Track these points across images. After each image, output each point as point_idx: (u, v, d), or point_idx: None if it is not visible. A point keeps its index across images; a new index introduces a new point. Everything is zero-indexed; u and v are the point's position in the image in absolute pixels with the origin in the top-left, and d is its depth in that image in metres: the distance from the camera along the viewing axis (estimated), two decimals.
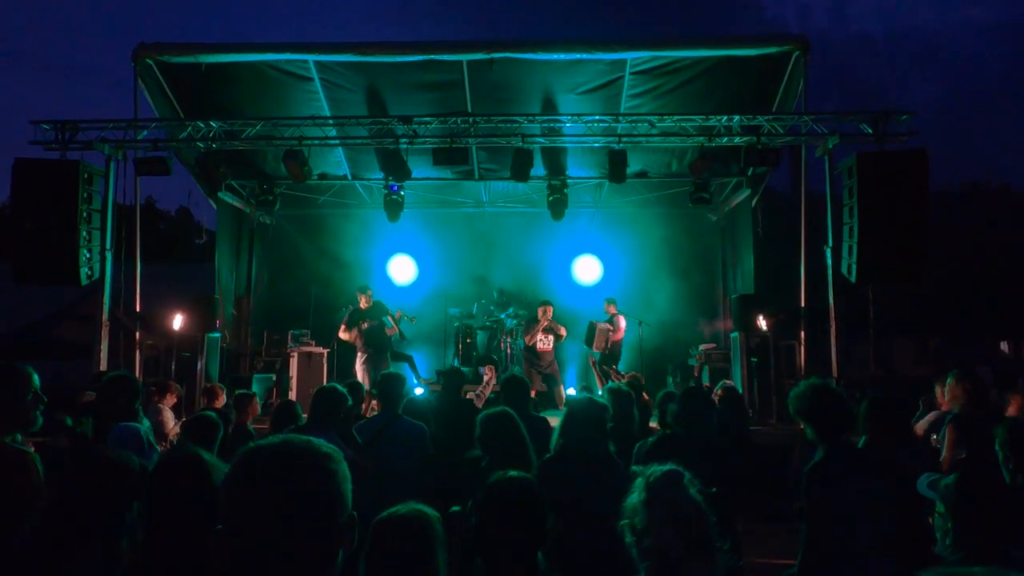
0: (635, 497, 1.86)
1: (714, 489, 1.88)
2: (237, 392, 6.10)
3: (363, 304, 9.34)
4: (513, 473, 2.12)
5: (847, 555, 2.61)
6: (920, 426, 5.09)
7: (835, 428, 2.81)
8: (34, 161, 7.75)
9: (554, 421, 7.44)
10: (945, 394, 4.57)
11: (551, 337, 9.23)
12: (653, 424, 5.32)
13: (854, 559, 2.60)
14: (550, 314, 9.22)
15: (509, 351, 11.28)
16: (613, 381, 8.86)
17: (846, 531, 2.61)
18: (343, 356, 10.87)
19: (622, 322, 9.98)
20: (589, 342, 9.82)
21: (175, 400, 6.44)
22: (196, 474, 1.96)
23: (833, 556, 2.62)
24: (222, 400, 6.35)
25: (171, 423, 6.07)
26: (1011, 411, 4.89)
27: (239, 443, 5.87)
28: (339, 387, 3.87)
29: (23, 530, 1.97)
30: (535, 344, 9.20)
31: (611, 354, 9.81)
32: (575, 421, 3.27)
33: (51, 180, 7.63)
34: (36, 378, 2.61)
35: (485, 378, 6.93)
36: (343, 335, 9.49)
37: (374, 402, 5.89)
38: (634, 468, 1.98)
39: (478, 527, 1.97)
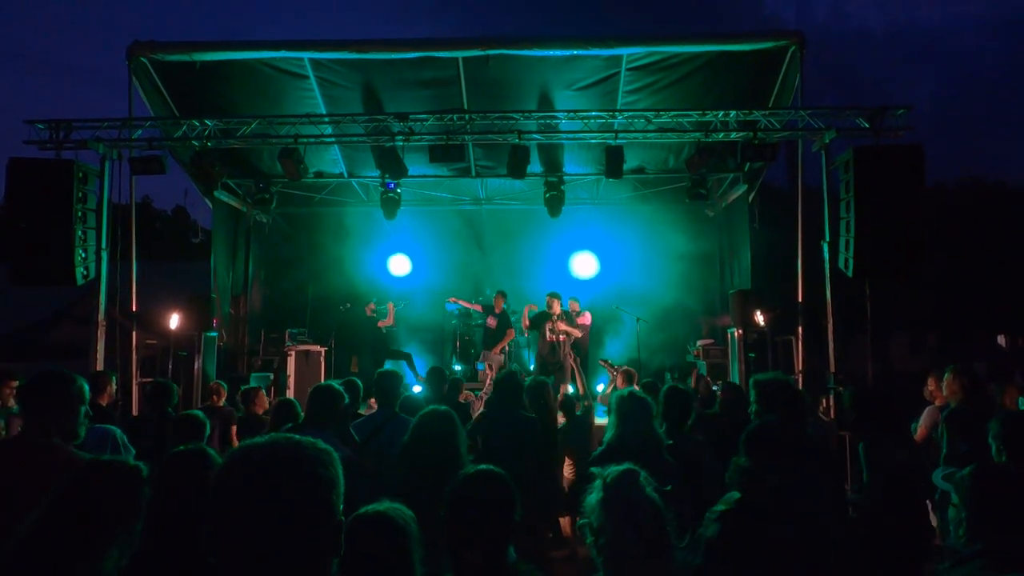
0: (593, 497, 1.85)
1: (668, 488, 1.86)
2: (243, 388, 6.14)
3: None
4: (485, 466, 2.06)
5: None
6: (922, 428, 5.07)
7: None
8: (28, 161, 7.69)
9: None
10: (942, 389, 4.60)
11: (562, 328, 9.16)
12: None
13: None
14: (557, 307, 9.18)
15: (508, 348, 11.29)
16: (608, 372, 8.86)
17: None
18: (340, 354, 10.87)
19: (586, 319, 9.94)
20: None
21: None
22: (201, 471, 1.97)
23: None
24: (224, 397, 6.39)
25: None
26: (1007, 403, 4.92)
27: (249, 433, 5.94)
28: (335, 385, 3.85)
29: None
30: (545, 336, 9.14)
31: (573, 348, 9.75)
32: (626, 416, 3.28)
33: (46, 180, 7.58)
34: (87, 389, 2.72)
35: (486, 376, 6.89)
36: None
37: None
38: (593, 469, 1.94)
39: (448, 520, 1.93)
